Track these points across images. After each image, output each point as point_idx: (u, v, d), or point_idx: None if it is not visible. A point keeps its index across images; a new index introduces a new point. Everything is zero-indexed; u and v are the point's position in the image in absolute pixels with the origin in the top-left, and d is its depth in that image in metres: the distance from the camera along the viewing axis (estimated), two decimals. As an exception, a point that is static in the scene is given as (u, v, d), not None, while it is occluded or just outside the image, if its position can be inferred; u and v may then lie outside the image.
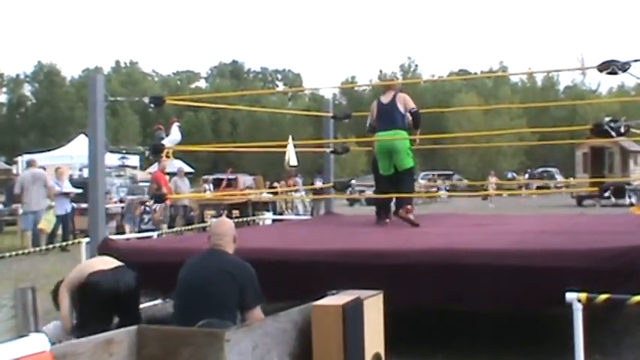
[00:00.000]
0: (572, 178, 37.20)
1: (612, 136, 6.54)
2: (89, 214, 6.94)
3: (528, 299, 5.09)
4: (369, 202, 35.62)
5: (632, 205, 22.70)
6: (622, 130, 6.56)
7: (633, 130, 7.64)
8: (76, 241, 8.58)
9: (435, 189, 32.86)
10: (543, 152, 57.25)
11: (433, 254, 5.49)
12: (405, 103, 8.47)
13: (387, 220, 8.67)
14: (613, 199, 29.27)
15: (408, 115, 8.45)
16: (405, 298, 5.23)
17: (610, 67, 5.67)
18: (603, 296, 4.16)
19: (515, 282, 5.07)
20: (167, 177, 17.67)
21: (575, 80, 68.90)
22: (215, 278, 4.81)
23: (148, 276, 5.96)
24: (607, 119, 6.57)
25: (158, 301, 7.50)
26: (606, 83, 68.67)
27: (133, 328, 4.05)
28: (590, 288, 4.34)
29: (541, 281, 4.96)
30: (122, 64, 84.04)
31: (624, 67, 5.62)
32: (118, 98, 7.94)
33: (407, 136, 8.45)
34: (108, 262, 5.75)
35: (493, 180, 37.12)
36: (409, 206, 8.34)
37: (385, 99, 8.56)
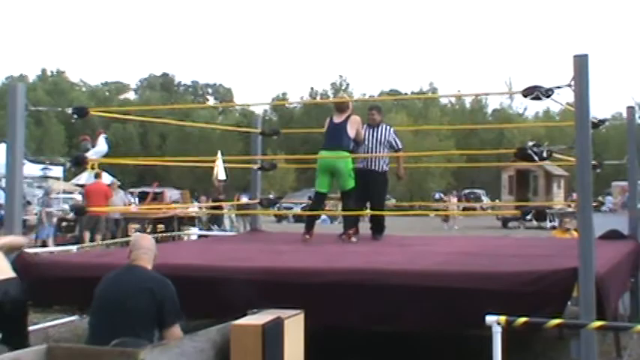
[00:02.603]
0: (497, 200, 37.92)
1: (535, 160, 6.63)
2: (4, 226, 6.70)
3: (449, 321, 5.09)
4: (297, 219, 35.78)
5: (554, 228, 23.20)
6: (544, 154, 6.65)
7: (555, 155, 7.78)
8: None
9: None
10: (470, 174, 58.21)
11: (354, 274, 5.46)
12: (357, 128, 8.64)
13: (307, 237, 8.67)
14: (535, 222, 29.97)
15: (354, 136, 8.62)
16: (327, 318, 5.18)
17: (534, 92, 5.74)
18: (522, 319, 4.18)
19: (436, 303, 5.07)
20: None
21: (503, 104, 70.36)
22: (132, 294, 4.69)
23: (64, 291, 5.76)
24: (530, 143, 6.66)
25: (74, 318, 7.28)
26: (533, 107, 70.42)
27: (42, 347, 3.87)
28: (511, 310, 4.37)
29: (462, 303, 4.97)
30: (49, 73, 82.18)
31: (548, 93, 5.70)
32: (40, 108, 7.74)
33: (349, 157, 8.61)
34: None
35: (454, 200, 35.56)
36: (350, 231, 8.59)
37: (337, 119, 8.67)
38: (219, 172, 25.59)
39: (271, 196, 13.99)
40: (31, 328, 6.67)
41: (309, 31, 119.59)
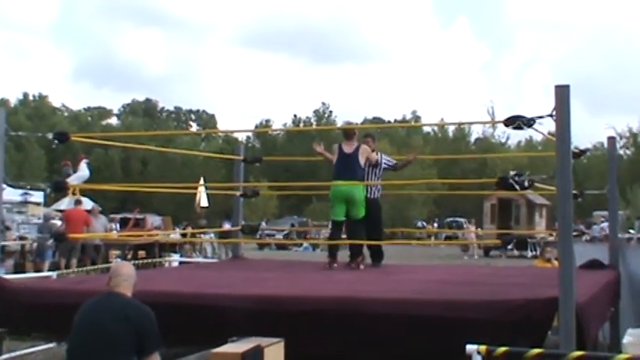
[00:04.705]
0: (480, 229, 38.02)
1: (516, 190, 6.67)
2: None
3: (430, 350, 5.07)
4: (279, 246, 35.73)
5: (535, 257, 23.29)
6: (526, 184, 6.69)
7: (537, 184, 7.83)
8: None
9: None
10: (453, 202, 58.35)
11: (334, 302, 5.44)
12: (368, 156, 8.86)
13: (335, 265, 8.81)
14: (515, 251, 30.10)
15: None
16: (307, 346, 5.15)
17: (516, 122, 5.78)
18: (502, 349, 4.18)
19: (417, 332, 5.06)
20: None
21: (485, 132, 70.69)
22: (112, 322, 4.66)
23: (42, 318, 5.70)
24: (512, 173, 6.70)
25: (52, 345, 7.19)
26: (515, 136, 70.61)
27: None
28: (491, 339, 4.36)
29: (442, 332, 4.96)
30: (30, 97, 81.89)
31: (529, 122, 5.74)
32: (21, 132, 7.69)
33: (364, 188, 8.84)
34: None
35: (472, 229, 34.34)
36: (359, 259, 8.81)
37: (348, 148, 8.80)
38: (202, 199, 25.58)
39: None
40: (8, 355, 6.60)
41: (293, 57, 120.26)
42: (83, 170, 21.54)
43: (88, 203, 21.14)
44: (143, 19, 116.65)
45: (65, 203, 20.05)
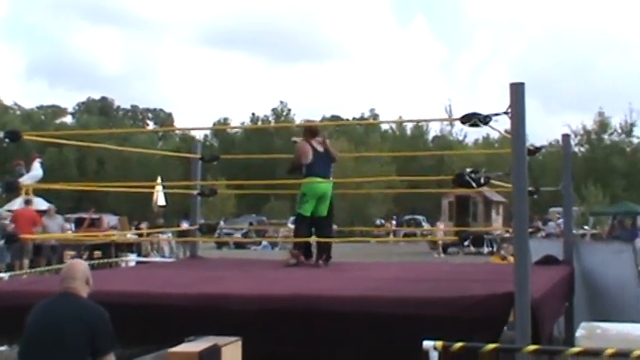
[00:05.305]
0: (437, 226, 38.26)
1: (473, 187, 6.72)
2: None
3: (387, 347, 5.09)
4: (238, 245, 35.61)
5: (492, 253, 23.55)
6: (482, 181, 6.75)
7: (493, 181, 7.90)
8: None
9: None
10: (411, 200, 58.71)
11: (290, 300, 5.42)
12: (335, 151, 9.12)
13: (302, 260, 8.83)
14: (472, 248, 30.44)
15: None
16: (265, 344, 5.13)
17: (472, 119, 5.82)
18: (459, 344, 4.21)
19: (373, 329, 5.06)
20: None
21: (443, 130, 71.19)
22: (65, 323, 4.59)
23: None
24: (468, 170, 6.75)
25: (3, 348, 7.06)
26: (473, 134, 71.22)
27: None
28: (448, 336, 4.39)
29: (399, 329, 4.98)
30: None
31: (486, 120, 5.78)
32: (-30, 130, 7.52)
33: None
34: None
35: (441, 226, 33.04)
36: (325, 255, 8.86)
37: (318, 146, 8.86)
38: (159, 198, 25.36)
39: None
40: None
41: (251, 56, 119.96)
42: (36, 170, 21.20)
43: (42, 203, 20.83)
44: (99, 16, 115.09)
45: (17, 203, 19.75)
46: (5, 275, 9.23)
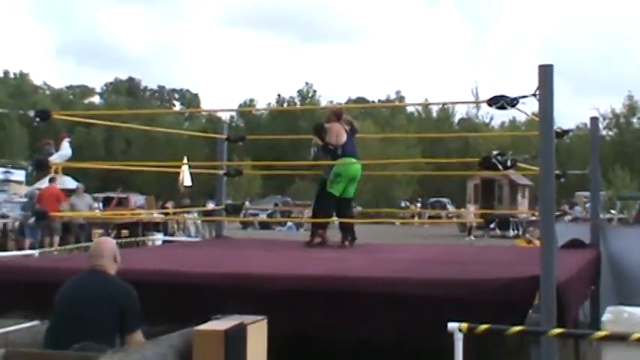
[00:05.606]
0: (463, 209, 38.10)
1: (499, 169, 6.70)
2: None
3: (412, 328, 5.10)
4: (263, 225, 35.70)
5: (517, 236, 23.42)
6: (508, 163, 6.72)
7: (519, 164, 7.86)
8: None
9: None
10: (436, 182, 58.50)
11: (317, 280, 5.46)
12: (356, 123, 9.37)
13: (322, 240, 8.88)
14: (498, 231, 30.28)
15: None
16: (290, 324, 5.16)
17: (499, 102, 5.80)
18: (483, 326, 4.21)
19: (399, 310, 5.08)
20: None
21: (469, 112, 70.71)
22: (93, 300, 4.65)
23: (24, 296, 5.68)
24: (495, 153, 6.72)
25: (35, 323, 7.16)
26: (499, 117, 70.63)
27: (1, 351, 3.81)
28: (473, 318, 4.39)
29: (425, 310, 4.99)
30: (11, 75, 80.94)
31: (513, 102, 5.77)
32: (1, 110, 7.60)
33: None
34: None
35: (472, 209, 31.91)
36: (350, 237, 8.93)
37: (347, 127, 8.96)
38: (185, 178, 25.47)
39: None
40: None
41: (277, 36, 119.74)
42: (65, 149, 21.33)
43: (71, 182, 21.04)
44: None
45: (46, 182, 19.97)
46: (35, 252, 9.35)
